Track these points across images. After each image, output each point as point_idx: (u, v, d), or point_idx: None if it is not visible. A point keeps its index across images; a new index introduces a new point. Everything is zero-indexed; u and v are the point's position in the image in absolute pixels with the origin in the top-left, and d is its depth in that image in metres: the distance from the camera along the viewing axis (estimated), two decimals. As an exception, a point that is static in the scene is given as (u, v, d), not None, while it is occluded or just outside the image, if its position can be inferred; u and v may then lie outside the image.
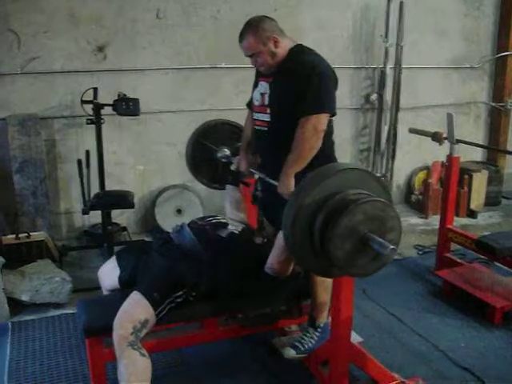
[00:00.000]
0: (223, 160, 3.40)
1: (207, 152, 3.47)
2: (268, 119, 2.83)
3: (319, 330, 2.88)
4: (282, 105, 2.75)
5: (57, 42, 4.53)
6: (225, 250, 2.67)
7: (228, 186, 3.27)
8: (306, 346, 2.86)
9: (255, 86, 2.98)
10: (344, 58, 5.41)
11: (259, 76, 2.95)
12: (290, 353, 2.86)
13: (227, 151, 3.40)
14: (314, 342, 2.88)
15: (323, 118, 2.65)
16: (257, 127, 2.95)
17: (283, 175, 2.66)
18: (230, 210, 3.19)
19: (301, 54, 2.76)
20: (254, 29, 2.73)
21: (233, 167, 3.23)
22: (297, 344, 2.88)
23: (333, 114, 2.76)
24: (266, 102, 2.84)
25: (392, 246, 1.95)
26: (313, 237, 2.08)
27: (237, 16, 4.94)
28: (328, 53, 2.87)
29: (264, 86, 2.86)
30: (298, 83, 2.65)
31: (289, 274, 2.70)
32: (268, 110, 2.82)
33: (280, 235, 2.57)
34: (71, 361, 3.06)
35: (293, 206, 2.07)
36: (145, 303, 2.39)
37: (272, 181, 2.73)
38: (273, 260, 2.65)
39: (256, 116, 2.94)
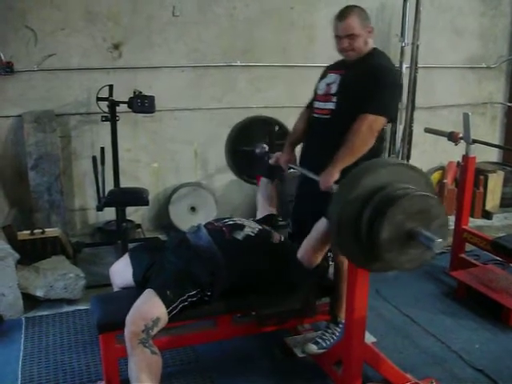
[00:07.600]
0: (261, 154, 3.43)
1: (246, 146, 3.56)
2: (332, 107, 2.86)
3: (340, 325, 2.91)
4: (350, 95, 2.79)
5: (73, 39, 4.55)
6: (240, 252, 2.66)
7: (263, 180, 3.33)
8: (328, 342, 2.91)
9: (322, 77, 3.02)
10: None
11: (329, 69, 3.00)
12: (312, 348, 2.90)
13: (266, 147, 3.44)
14: (335, 337, 2.92)
15: (381, 120, 2.72)
16: (316, 115, 2.97)
17: (331, 167, 2.66)
18: (262, 203, 3.27)
19: (382, 58, 2.86)
20: (359, 11, 2.83)
21: (271, 161, 3.24)
22: (318, 340, 2.93)
23: (390, 120, 2.83)
24: (333, 90, 2.87)
25: (439, 239, 1.98)
26: (359, 232, 2.10)
27: (252, 13, 4.96)
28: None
29: (333, 77, 2.91)
30: (370, 81, 2.71)
31: (315, 265, 2.71)
32: (334, 99, 2.85)
33: (318, 225, 2.62)
34: (84, 356, 3.07)
35: (339, 200, 2.10)
36: (157, 301, 2.38)
37: (313, 175, 2.72)
38: (307, 247, 2.67)
39: (317, 105, 2.97)
